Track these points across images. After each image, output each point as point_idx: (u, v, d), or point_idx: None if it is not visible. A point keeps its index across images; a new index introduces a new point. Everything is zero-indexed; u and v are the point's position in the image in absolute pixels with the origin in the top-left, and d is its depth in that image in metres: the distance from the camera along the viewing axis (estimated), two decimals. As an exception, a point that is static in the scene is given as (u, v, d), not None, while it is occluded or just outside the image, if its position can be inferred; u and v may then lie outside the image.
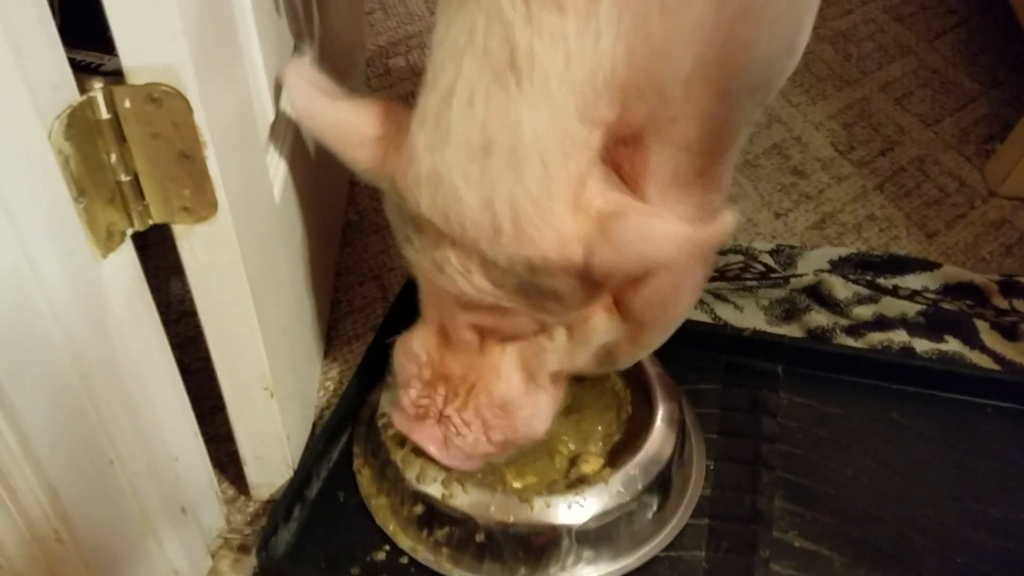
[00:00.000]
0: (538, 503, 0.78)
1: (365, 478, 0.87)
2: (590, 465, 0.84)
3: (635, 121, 0.61)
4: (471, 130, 0.59)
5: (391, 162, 0.66)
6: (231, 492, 0.93)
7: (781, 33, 0.65)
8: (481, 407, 0.73)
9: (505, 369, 0.72)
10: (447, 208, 0.61)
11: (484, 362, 0.72)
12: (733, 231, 0.57)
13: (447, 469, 0.79)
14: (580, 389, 0.91)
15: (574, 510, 0.78)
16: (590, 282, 0.63)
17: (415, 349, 0.75)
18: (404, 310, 0.99)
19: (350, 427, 0.92)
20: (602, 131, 0.61)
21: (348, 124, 0.69)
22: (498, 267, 0.62)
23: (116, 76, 0.58)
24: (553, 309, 0.66)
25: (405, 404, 0.77)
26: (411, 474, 0.81)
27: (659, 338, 0.77)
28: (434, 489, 0.80)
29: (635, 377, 0.90)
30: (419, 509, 0.81)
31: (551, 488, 0.83)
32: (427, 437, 0.76)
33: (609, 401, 0.92)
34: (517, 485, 0.84)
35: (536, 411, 0.74)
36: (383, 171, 0.68)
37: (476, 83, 0.59)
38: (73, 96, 0.56)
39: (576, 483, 0.81)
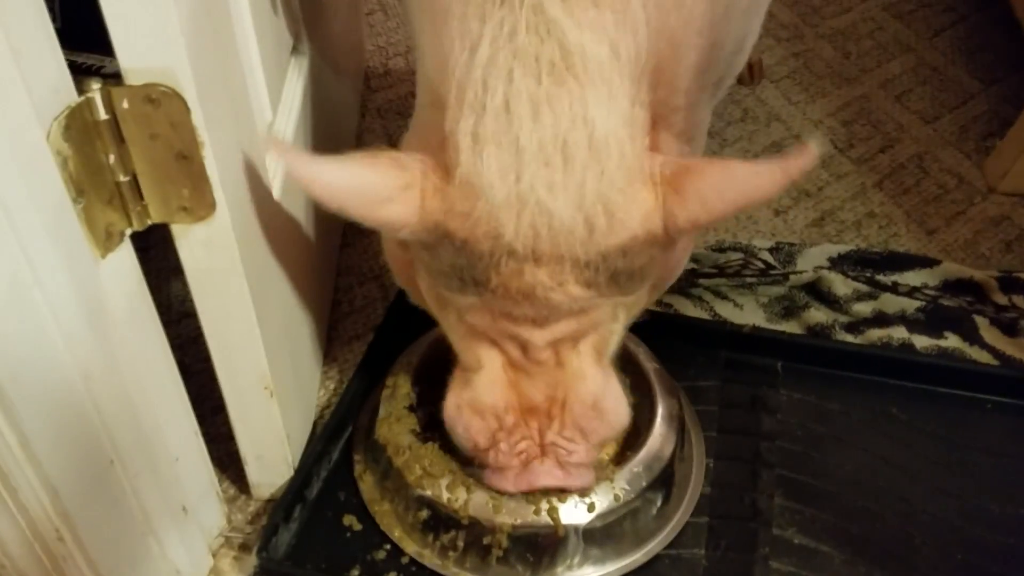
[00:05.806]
0: (544, 504, 0.78)
1: (367, 484, 0.87)
2: (605, 451, 0.84)
3: (651, 107, 0.63)
4: (544, 139, 0.58)
5: (434, 208, 0.62)
6: (232, 491, 0.93)
7: (739, 35, 0.72)
8: (577, 417, 0.72)
9: (588, 369, 0.71)
10: (536, 227, 0.60)
11: (565, 373, 0.71)
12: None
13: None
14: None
15: (580, 509, 0.78)
16: (664, 246, 0.66)
17: (484, 404, 0.71)
18: (404, 310, 1.00)
19: (350, 427, 0.92)
20: (648, 112, 0.62)
21: (368, 180, 0.62)
22: (590, 267, 0.62)
23: (117, 78, 0.58)
24: (634, 288, 0.67)
25: (503, 461, 0.74)
26: (414, 479, 0.81)
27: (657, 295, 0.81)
28: (439, 494, 0.80)
29: (632, 374, 0.90)
30: (424, 514, 0.81)
31: None
32: (547, 476, 0.74)
33: None
34: None
35: (619, 397, 0.73)
36: (426, 221, 0.63)
37: (534, 91, 0.58)
38: (71, 97, 0.56)
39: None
